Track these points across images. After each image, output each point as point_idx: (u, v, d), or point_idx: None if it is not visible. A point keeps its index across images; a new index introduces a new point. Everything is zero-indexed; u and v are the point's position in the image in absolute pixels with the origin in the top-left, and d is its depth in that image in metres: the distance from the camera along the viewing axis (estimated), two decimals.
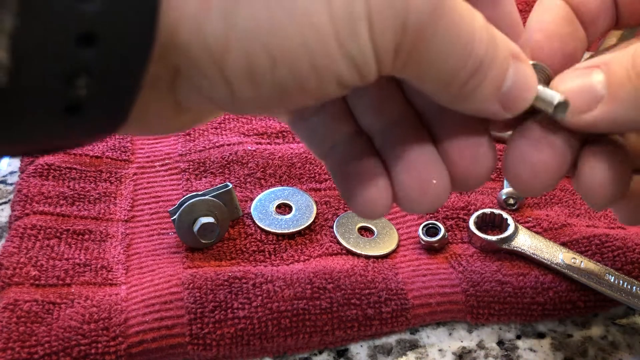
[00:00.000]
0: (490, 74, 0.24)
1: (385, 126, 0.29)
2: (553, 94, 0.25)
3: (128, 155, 0.49)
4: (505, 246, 0.42)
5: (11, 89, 0.17)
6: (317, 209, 0.45)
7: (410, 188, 0.27)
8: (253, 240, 0.43)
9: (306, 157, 0.49)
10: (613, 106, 0.25)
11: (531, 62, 0.27)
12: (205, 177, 0.48)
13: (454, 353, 0.38)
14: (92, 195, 0.45)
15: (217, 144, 0.50)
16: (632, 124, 0.25)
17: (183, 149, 0.50)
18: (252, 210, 0.45)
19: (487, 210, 0.44)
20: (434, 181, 0.27)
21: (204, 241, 0.41)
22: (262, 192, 0.47)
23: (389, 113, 0.29)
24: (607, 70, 0.25)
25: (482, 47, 0.23)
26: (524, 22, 0.29)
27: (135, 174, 0.48)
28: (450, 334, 0.39)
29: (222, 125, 0.52)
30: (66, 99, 0.19)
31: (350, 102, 0.30)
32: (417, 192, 0.27)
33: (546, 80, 0.27)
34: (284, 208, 0.46)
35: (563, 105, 0.25)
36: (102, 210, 0.45)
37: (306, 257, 0.42)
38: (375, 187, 0.27)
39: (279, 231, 0.43)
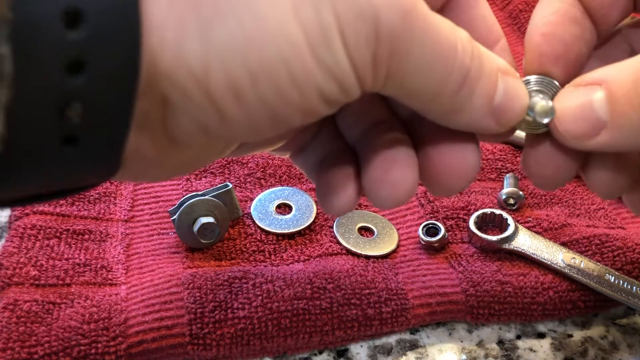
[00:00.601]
0: (480, 85, 0.24)
1: (363, 132, 0.29)
2: (543, 110, 0.25)
3: None
4: (505, 246, 0.42)
5: (9, 144, 0.18)
6: (317, 209, 0.45)
7: (372, 179, 0.27)
8: (253, 240, 0.43)
9: None
10: (617, 134, 0.24)
11: (535, 77, 0.27)
12: (205, 177, 0.48)
13: (454, 353, 0.38)
14: (92, 195, 0.45)
15: None
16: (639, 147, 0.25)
17: None
18: (252, 210, 0.45)
19: (487, 210, 0.44)
20: (398, 174, 0.26)
21: (204, 241, 0.41)
22: (262, 192, 0.47)
23: (368, 120, 0.29)
24: (608, 92, 0.24)
25: (467, 55, 0.23)
26: (526, 23, 0.29)
27: None
28: (450, 334, 0.39)
29: None
30: (62, 129, 0.19)
31: (339, 121, 0.31)
32: (378, 183, 0.27)
33: (553, 95, 0.26)
34: (284, 208, 0.46)
35: (552, 118, 0.25)
36: (102, 210, 0.45)
37: (306, 257, 0.42)
38: (343, 191, 0.28)
39: (279, 231, 0.43)
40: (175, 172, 0.27)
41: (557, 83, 0.27)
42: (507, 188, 0.47)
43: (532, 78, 0.27)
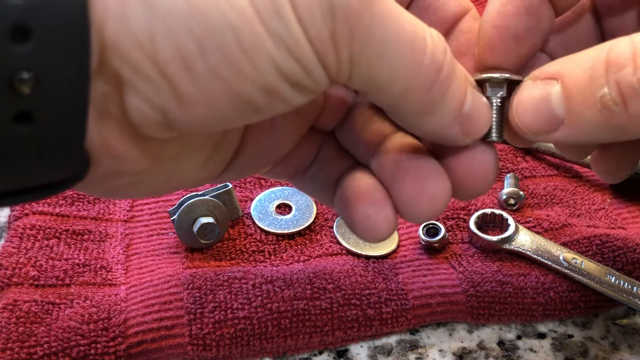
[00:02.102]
0: (453, 86, 0.24)
1: (376, 149, 0.28)
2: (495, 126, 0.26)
3: None
4: (505, 246, 0.42)
5: None
6: (317, 209, 0.45)
7: (408, 195, 0.27)
8: (253, 240, 0.43)
9: None
10: (574, 131, 0.24)
11: (492, 74, 0.26)
12: None
13: (454, 353, 0.38)
14: (92, 195, 0.45)
15: None
16: (599, 142, 0.25)
17: None
18: (252, 210, 0.45)
19: (488, 211, 0.44)
20: (434, 186, 0.26)
21: (203, 241, 0.41)
22: (262, 192, 0.47)
23: (376, 132, 0.29)
24: (564, 88, 0.24)
25: (439, 50, 0.23)
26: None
27: None
28: (450, 335, 0.39)
29: None
30: (14, 103, 0.18)
31: (341, 139, 0.30)
32: (415, 198, 0.26)
33: (508, 90, 0.26)
34: (284, 208, 0.46)
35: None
36: (102, 211, 0.44)
37: (306, 258, 0.42)
38: (372, 202, 0.27)
39: (279, 231, 0.43)
40: (156, 186, 0.26)
41: (514, 77, 0.27)
42: (508, 188, 0.47)
43: (485, 76, 0.27)
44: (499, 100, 0.26)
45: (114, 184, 0.24)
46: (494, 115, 0.26)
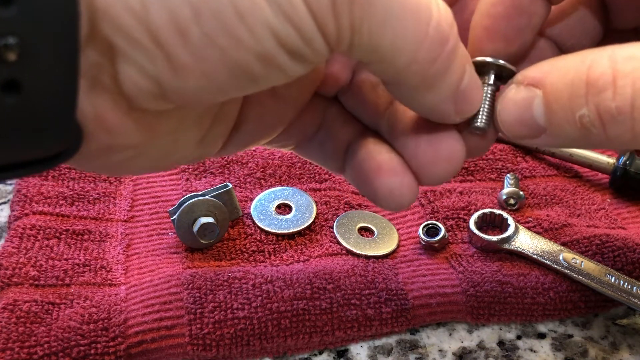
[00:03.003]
0: (456, 61, 0.23)
1: (383, 112, 0.28)
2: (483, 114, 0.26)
3: None
4: (505, 246, 0.42)
5: None
6: (317, 209, 0.45)
7: (424, 155, 0.26)
8: (253, 240, 0.43)
9: None
10: (556, 140, 0.25)
11: (486, 59, 0.26)
12: (205, 177, 0.48)
13: (454, 353, 0.38)
14: (92, 195, 0.45)
15: None
16: (582, 148, 0.25)
17: None
18: (252, 210, 0.45)
19: (488, 211, 0.44)
20: (447, 144, 0.26)
21: (203, 241, 0.41)
22: (262, 192, 0.47)
23: (385, 99, 0.28)
24: (545, 100, 0.24)
25: (446, 21, 0.22)
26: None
27: None
28: (450, 335, 0.39)
29: None
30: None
31: (347, 104, 0.30)
32: (431, 157, 0.26)
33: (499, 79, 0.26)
34: (284, 208, 0.46)
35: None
36: (102, 211, 0.44)
37: (306, 258, 0.42)
38: (393, 173, 0.27)
39: (279, 231, 0.43)
40: (153, 162, 0.25)
41: (507, 67, 0.26)
42: (508, 188, 0.47)
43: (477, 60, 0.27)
44: (488, 88, 0.26)
45: (110, 159, 0.24)
46: (487, 102, 0.26)
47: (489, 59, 0.26)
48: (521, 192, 0.46)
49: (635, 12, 0.29)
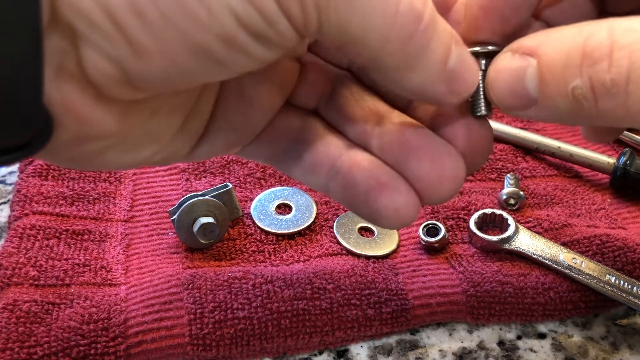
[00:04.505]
0: (435, 38, 0.22)
1: (375, 128, 0.27)
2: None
3: None
4: (505, 246, 0.42)
5: None
6: (317, 209, 0.45)
7: (429, 177, 0.26)
8: (253, 240, 0.43)
9: None
10: (546, 113, 0.24)
11: (476, 48, 0.26)
12: (205, 177, 0.48)
13: (454, 353, 0.38)
14: (92, 195, 0.45)
15: None
16: (572, 124, 0.24)
17: None
18: (252, 210, 0.45)
19: (488, 211, 0.44)
20: (452, 164, 0.26)
21: (203, 241, 0.41)
22: (262, 192, 0.47)
23: (375, 114, 0.28)
24: (539, 70, 0.23)
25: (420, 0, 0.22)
26: None
27: (134, 174, 0.48)
28: (450, 335, 0.39)
29: None
30: None
31: (329, 118, 0.29)
32: (437, 179, 0.26)
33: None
34: (284, 208, 0.46)
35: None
36: (102, 211, 0.44)
37: (306, 258, 0.42)
38: (397, 192, 0.26)
39: (279, 231, 0.43)
40: (126, 156, 0.25)
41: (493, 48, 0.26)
42: (508, 188, 0.47)
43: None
44: (484, 73, 0.26)
45: (82, 150, 0.23)
46: (482, 89, 0.26)
47: (477, 48, 0.26)
48: (521, 192, 0.46)
49: None
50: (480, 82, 0.26)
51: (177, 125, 0.26)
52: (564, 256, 0.40)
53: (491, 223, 0.44)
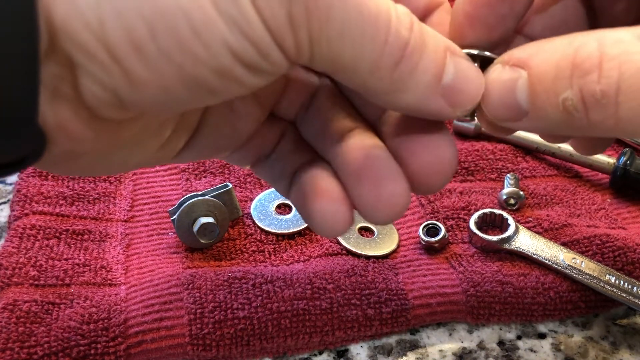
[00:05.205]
0: (423, 60, 0.23)
1: (335, 145, 0.28)
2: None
3: None
4: (505, 246, 0.42)
5: None
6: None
7: (366, 199, 0.26)
8: (253, 240, 0.43)
9: None
10: (538, 124, 0.24)
11: (471, 51, 0.26)
12: (205, 177, 0.48)
13: (454, 353, 0.38)
14: (92, 195, 0.45)
15: None
16: (563, 134, 0.24)
17: None
18: (252, 210, 0.45)
19: (488, 211, 0.44)
20: (391, 190, 0.26)
21: (203, 241, 0.41)
22: (262, 192, 0.47)
23: (335, 127, 0.28)
24: (530, 82, 0.23)
25: (404, 26, 0.22)
26: None
27: (134, 173, 0.48)
28: (450, 335, 0.39)
29: None
30: None
31: (302, 130, 0.30)
32: (373, 202, 0.26)
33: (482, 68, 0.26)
34: (283, 208, 0.46)
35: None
36: (102, 210, 0.44)
37: (306, 257, 0.42)
38: (329, 200, 0.27)
39: (279, 231, 0.43)
40: (114, 166, 0.26)
41: (491, 56, 0.26)
42: (508, 188, 0.47)
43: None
44: None
45: (73, 163, 0.24)
46: None
47: (474, 51, 0.26)
48: (521, 192, 0.46)
49: (621, 10, 0.28)
50: None
51: (166, 136, 0.27)
52: (564, 256, 0.40)
53: (491, 223, 0.44)
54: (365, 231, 0.44)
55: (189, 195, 0.43)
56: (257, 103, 0.29)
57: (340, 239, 0.43)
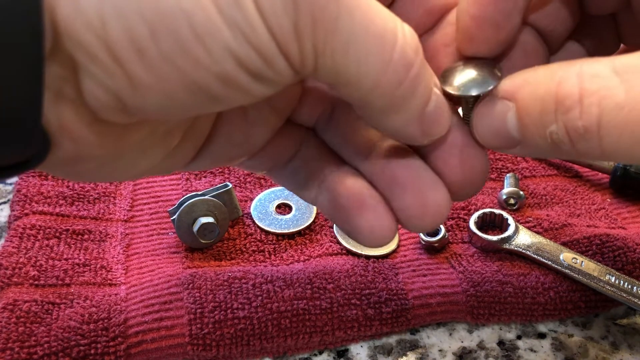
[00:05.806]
0: (422, 85, 0.23)
1: (367, 153, 0.28)
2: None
3: None
4: (505, 246, 0.42)
5: None
6: (317, 208, 0.45)
7: (411, 209, 0.27)
8: (253, 240, 0.43)
9: None
10: (530, 151, 0.25)
11: (464, 94, 0.26)
12: (205, 176, 0.48)
13: (454, 353, 0.38)
14: (92, 195, 0.45)
15: None
16: (554, 158, 0.25)
17: None
18: (252, 210, 0.45)
19: (488, 210, 0.44)
20: (435, 199, 0.26)
21: (203, 241, 0.41)
22: (262, 191, 0.47)
23: (367, 139, 0.29)
24: (518, 115, 0.24)
25: (411, 48, 0.23)
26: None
27: None
28: (450, 334, 0.39)
29: None
30: None
31: (325, 137, 0.30)
32: (419, 212, 0.27)
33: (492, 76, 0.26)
34: (283, 208, 0.46)
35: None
36: (102, 210, 0.44)
37: (306, 257, 0.42)
38: (374, 213, 0.27)
39: (279, 231, 0.43)
40: (122, 172, 0.25)
41: (497, 67, 0.27)
42: (508, 188, 0.47)
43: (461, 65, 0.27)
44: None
45: (79, 167, 0.24)
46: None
47: (460, 93, 0.26)
48: (521, 192, 0.46)
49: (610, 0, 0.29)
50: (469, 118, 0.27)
51: (175, 143, 0.27)
52: (564, 256, 0.41)
53: (491, 223, 0.44)
54: None
55: (189, 195, 0.43)
56: (272, 110, 0.29)
57: (340, 239, 0.43)
